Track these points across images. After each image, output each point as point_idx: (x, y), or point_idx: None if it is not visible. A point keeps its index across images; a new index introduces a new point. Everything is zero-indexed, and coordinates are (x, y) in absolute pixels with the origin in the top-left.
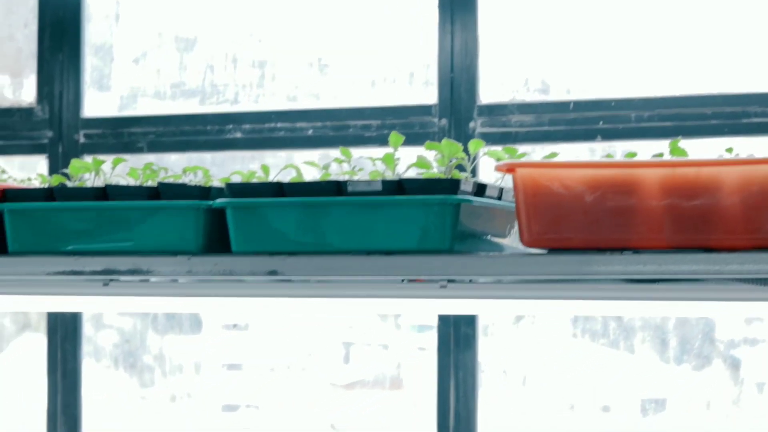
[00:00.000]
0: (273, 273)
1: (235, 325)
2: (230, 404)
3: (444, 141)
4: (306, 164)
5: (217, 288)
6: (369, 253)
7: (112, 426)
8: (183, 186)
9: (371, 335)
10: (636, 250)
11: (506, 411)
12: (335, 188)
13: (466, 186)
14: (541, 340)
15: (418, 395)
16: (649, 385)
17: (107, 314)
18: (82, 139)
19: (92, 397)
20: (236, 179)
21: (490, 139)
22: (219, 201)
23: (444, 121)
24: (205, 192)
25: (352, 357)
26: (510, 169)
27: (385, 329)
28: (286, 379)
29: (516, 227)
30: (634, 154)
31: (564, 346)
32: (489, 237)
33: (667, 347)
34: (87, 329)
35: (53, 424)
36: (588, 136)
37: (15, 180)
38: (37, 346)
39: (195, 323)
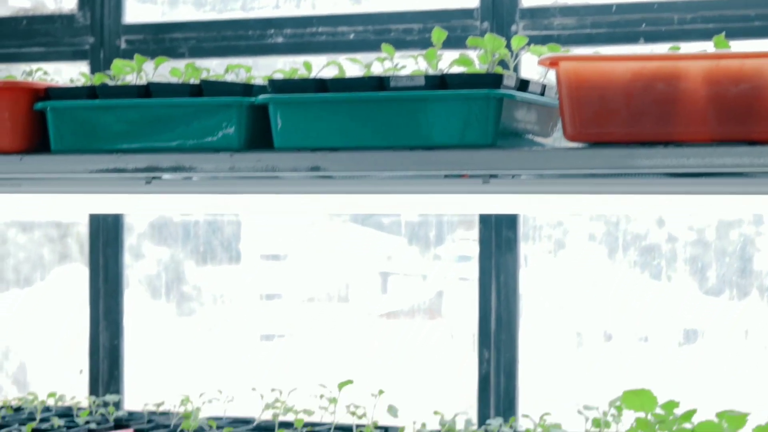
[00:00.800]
0: (315, 169)
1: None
2: (268, 334)
3: (487, 36)
4: (348, 61)
5: (259, 185)
6: (412, 148)
7: (152, 337)
8: (225, 83)
9: (410, 266)
10: (679, 143)
11: (545, 332)
12: (378, 84)
13: (509, 81)
14: (579, 271)
15: (457, 323)
16: (688, 315)
17: (146, 244)
18: (123, 45)
19: (130, 324)
20: (278, 77)
21: (532, 42)
22: (261, 97)
23: (486, 25)
24: (247, 89)
25: (390, 287)
26: (553, 62)
27: (424, 260)
28: (324, 309)
29: (559, 126)
30: (677, 48)
31: (602, 277)
32: (531, 136)
33: (705, 278)
34: (126, 259)
35: (96, 328)
36: (630, 38)
37: (57, 82)
38: (75, 274)
39: (234, 253)
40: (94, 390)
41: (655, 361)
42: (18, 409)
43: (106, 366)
